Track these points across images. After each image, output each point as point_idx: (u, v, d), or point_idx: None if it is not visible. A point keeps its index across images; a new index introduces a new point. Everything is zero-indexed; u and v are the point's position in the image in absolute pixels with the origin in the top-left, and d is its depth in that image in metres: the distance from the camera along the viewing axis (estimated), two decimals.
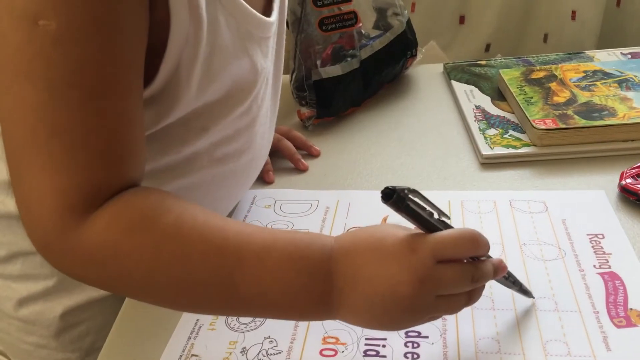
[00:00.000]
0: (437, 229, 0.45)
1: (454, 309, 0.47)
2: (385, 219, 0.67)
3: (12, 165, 0.43)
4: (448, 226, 0.46)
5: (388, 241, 0.44)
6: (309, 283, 0.44)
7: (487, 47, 1.47)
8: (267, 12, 0.57)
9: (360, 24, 0.86)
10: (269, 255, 0.44)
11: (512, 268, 0.57)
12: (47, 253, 0.45)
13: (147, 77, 0.47)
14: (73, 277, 0.48)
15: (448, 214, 0.47)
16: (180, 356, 0.52)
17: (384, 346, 0.52)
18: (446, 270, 0.44)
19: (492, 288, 0.56)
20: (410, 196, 0.44)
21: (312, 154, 0.80)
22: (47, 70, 0.40)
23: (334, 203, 0.70)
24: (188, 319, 0.56)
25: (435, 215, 0.46)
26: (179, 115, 0.52)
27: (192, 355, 0.52)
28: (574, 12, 1.40)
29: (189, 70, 0.50)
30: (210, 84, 0.53)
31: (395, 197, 0.43)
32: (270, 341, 0.53)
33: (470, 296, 0.47)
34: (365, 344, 0.52)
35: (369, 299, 0.43)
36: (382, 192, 0.43)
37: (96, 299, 0.62)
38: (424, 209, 0.45)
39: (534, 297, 0.55)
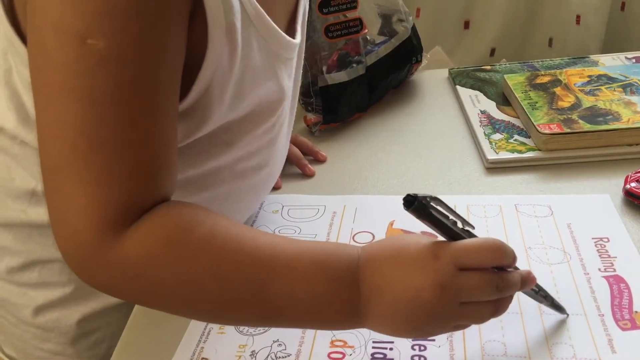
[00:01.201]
0: (460, 237, 0.45)
1: (479, 318, 0.46)
2: (391, 224, 0.68)
3: (49, 178, 0.44)
4: (472, 235, 0.46)
5: (411, 248, 0.45)
6: (338, 291, 0.45)
7: (492, 52, 1.47)
8: (289, 32, 0.58)
9: (366, 31, 0.87)
10: (300, 265, 0.45)
11: None
12: (80, 266, 0.45)
13: (180, 94, 0.48)
14: (106, 292, 0.48)
15: (472, 224, 0.47)
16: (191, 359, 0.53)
17: (391, 349, 0.52)
18: (469, 278, 0.44)
19: None
20: (432, 204, 0.44)
21: (319, 160, 0.81)
22: (91, 87, 0.41)
23: (341, 208, 0.71)
24: (198, 323, 0.56)
25: (459, 224, 0.46)
26: (207, 131, 0.54)
27: (202, 358, 0.53)
28: (578, 17, 1.40)
29: (221, 90, 0.51)
30: (240, 103, 0.54)
31: (416, 204, 0.43)
32: (279, 344, 0.54)
33: (497, 306, 0.46)
34: (373, 347, 0.52)
35: (394, 305, 0.44)
36: (404, 199, 0.44)
37: (112, 306, 0.63)
38: (446, 217, 0.45)
39: (567, 314, 0.54)
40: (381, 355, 0.52)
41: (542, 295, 0.52)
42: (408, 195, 0.44)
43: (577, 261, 0.60)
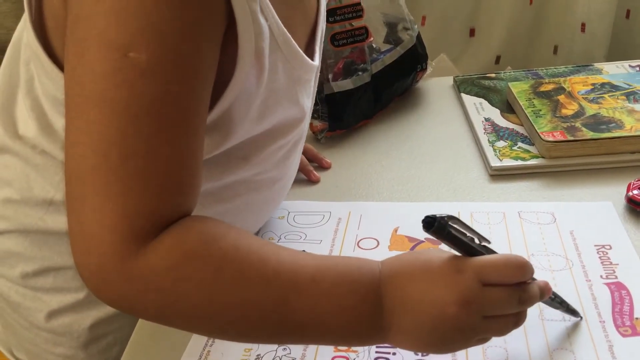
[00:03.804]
0: (480, 254, 0.46)
1: (502, 330, 0.47)
2: (396, 230, 0.69)
3: (74, 187, 0.44)
4: (490, 251, 0.47)
5: (434, 263, 0.46)
6: (361, 305, 0.45)
7: (497, 59, 1.48)
8: (307, 52, 0.59)
9: (371, 39, 0.88)
10: (323, 279, 0.45)
11: None
12: (99, 279, 0.44)
13: None
14: (120, 306, 0.46)
15: (489, 239, 0.48)
16: None
17: (394, 354, 0.53)
18: (493, 292, 0.45)
19: None
20: (450, 223, 0.45)
21: (323, 167, 0.82)
22: (129, 98, 0.42)
23: (346, 214, 0.72)
24: None
25: (477, 241, 0.47)
26: (227, 147, 0.55)
27: None
28: (583, 24, 1.41)
29: (245, 109, 0.52)
30: (262, 122, 0.55)
31: (436, 226, 0.44)
32: (284, 348, 0.54)
33: (518, 318, 0.47)
34: (376, 352, 0.53)
35: (418, 320, 0.45)
36: (423, 221, 0.45)
37: None
38: (464, 234, 0.46)
39: (581, 317, 0.55)
40: None
41: (557, 302, 0.53)
42: (427, 217, 0.44)
43: (579, 268, 0.61)
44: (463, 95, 0.95)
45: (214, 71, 0.47)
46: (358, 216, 0.72)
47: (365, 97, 0.88)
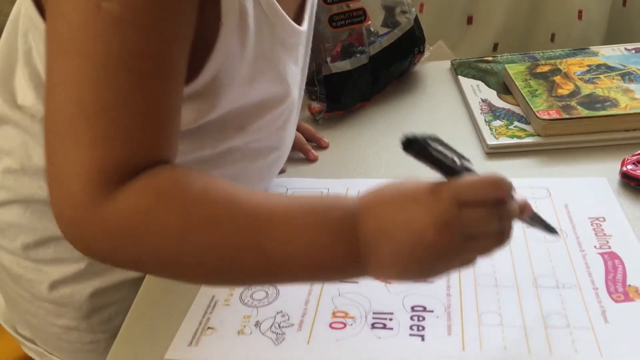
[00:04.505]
0: (460, 174, 0.44)
1: (485, 249, 0.45)
2: None
3: (50, 138, 0.45)
4: (472, 171, 0.45)
5: (409, 189, 0.44)
6: (336, 239, 0.44)
7: (495, 47, 1.49)
8: (297, 19, 0.60)
9: (369, 22, 0.89)
10: (296, 216, 0.44)
11: (514, 248, 0.60)
12: (73, 229, 0.45)
13: (191, 75, 0.49)
14: (98, 257, 0.47)
15: (468, 158, 0.45)
16: (197, 329, 0.55)
17: (390, 319, 0.54)
18: (471, 212, 0.43)
19: (495, 267, 0.58)
20: (430, 143, 0.43)
21: (321, 146, 0.83)
22: (104, 50, 0.43)
23: (344, 191, 0.73)
24: (204, 294, 0.58)
25: (457, 161, 0.45)
26: (218, 114, 0.55)
27: (208, 328, 0.55)
28: (580, 12, 1.42)
29: (232, 74, 0.53)
30: (249, 88, 0.56)
31: (416, 145, 0.42)
32: (283, 315, 0.55)
33: (502, 236, 0.45)
34: (373, 318, 0.54)
35: (397, 249, 0.43)
36: (403, 141, 0.42)
37: (125, 281, 0.64)
38: (445, 155, 0.44)
39: (558, 234, 0.56)
40: (381, 325, 0.54)
41: (536, 220, 0.52)
42: (407, 137, 0.41)
43: (573, 239, 0.62)
44: (460, 77, 0.96)
45: (191, 28, 0.47)
46: (356, 192, 0.72)
47: (363, 78, 0.89)
